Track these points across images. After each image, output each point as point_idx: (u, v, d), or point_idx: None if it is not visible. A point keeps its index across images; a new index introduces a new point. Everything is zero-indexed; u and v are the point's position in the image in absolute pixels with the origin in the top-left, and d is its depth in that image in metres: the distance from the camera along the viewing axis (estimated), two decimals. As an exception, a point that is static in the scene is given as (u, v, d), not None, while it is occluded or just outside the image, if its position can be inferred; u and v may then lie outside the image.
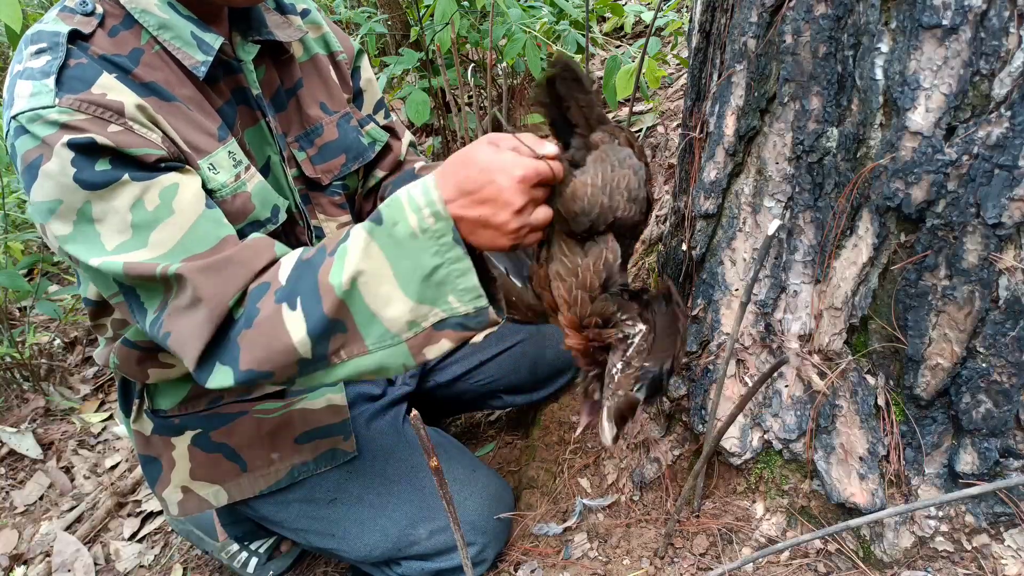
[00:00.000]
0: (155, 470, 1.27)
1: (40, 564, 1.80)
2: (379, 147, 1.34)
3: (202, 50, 1.02)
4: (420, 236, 0.87)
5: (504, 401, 1.56)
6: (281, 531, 1.33)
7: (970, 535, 1.02)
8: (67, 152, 0.89)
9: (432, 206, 0.87)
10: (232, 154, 1.06)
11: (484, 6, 2.30)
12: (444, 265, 0.87)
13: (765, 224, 1.10)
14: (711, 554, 1.14)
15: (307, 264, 0.92)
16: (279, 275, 0.94)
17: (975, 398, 0.98)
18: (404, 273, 0.88)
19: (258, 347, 0.91)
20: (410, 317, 0.89)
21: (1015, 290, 0.92)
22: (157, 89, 1.00)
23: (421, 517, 1.26)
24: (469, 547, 1.25)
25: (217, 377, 0.94)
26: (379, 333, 0.90)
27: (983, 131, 0.88)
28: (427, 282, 0.88)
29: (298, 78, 1.23)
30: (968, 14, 0.85)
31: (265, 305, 0.92)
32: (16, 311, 2.62)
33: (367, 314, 0.90)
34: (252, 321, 0.92)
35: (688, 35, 1.27)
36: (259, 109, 1.14)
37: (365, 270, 0.88)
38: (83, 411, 2.34)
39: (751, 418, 1.15)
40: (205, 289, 0.92)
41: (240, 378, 0.93)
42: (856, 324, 1.05)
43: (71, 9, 0.98)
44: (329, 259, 0.91)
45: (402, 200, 0.88)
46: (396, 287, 0.88)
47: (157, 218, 0.93)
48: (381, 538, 1.26)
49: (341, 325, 0.90)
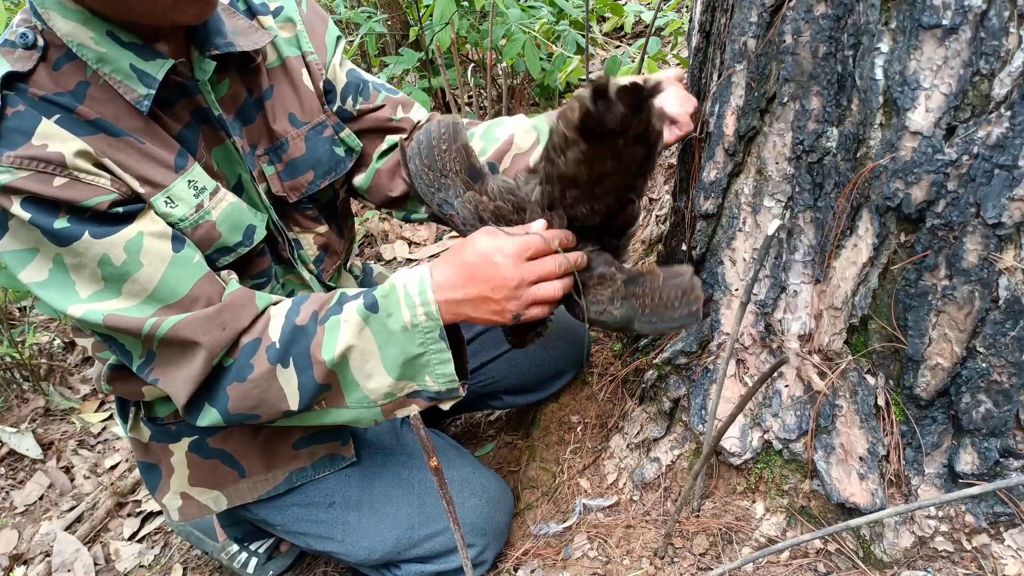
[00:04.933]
0: (155, 477, 1.27)
1: (40, 564, 1.80)
2: (356, 156, 1.27)
3: (144, 83, 0.96)
4: (410, 330, 0.98)
5: (504, 402, 1.56)
6: (281, 534, 1.33)
7: (970, 535, 1.02)
8: (25, 211, 0.89)
9: (426, 305, 0.98)
10: (193, 183, 1.02)
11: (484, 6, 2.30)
12: (427, 354, 0.99)
13: (765, 224, 1.10)
14: (711, 554, 1.14)
15: (300, 331, 1.00)
16: (269, 332, 1.01)
17: (975, 398, 0.98)
18: (390, 357, 1.00)
19: (251, 399, 1.01)
20: (388, 390, 1.02)
21: (1015, 290, 0.92)
22: (104, 126, 0.95)
23: (420, 520, 1.26)
24: (469, 549, 1.25)
25: (206, 418, 1.03)
26: (359, 397, 1.03)
27: (983, 131, 0.88)
28: (409, 364, 1.00)
29: (267, 87, 1.15)
30: (968, 14, 0.85)
31: (258, 363, 0.99)
32: (16, 311, 2.62)
33: (352, 382, 1.02)
34: (245, 376, 1.00)
35: (688, 35, 1.27)
36: (223, 129, 1.08)
37: (355, 348, 0.99)
38: (83, 411, 2.34)
39: (751, 418, 1.15)
40: (200, 337, 0.97)
41: (229, 420, 1.03)
42: (856, 324, 1.05)
43: (11, 43, 0.93)
44: (320, 330, 0.99)
45: (399, 294, 0.99)
46: (380, 366, 1.00)
47: (126, 272, 0.94)
48: (380, 541, 1.26)
49: (328, 387, 1.02)
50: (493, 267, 0.96)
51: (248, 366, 0.99)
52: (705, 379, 1.20)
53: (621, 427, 1.37)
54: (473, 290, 0.98)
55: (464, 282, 0.98)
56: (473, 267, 0.98)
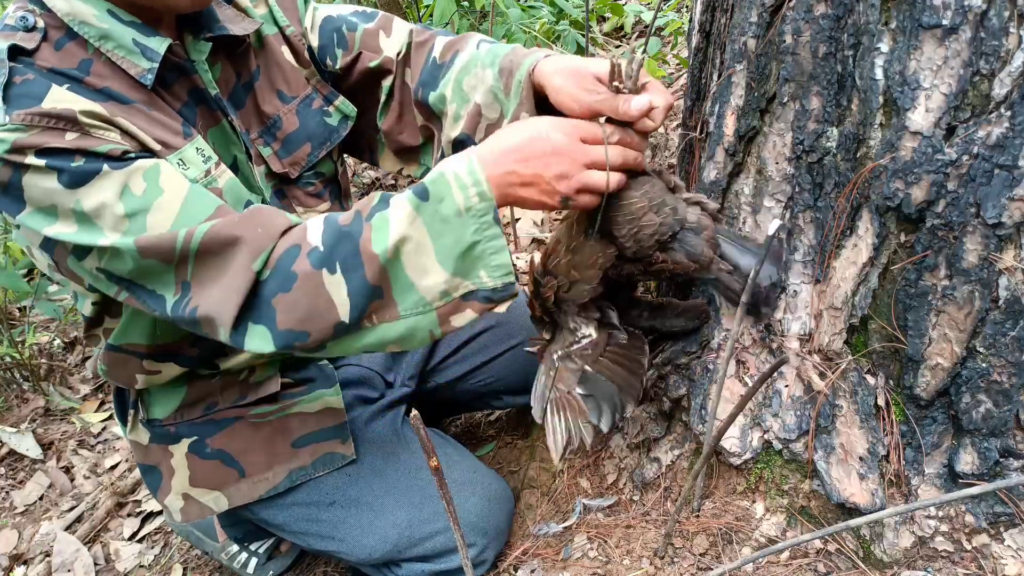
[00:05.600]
0: (155, 479, 1.27)
1: (40, 564, 1.80)
2: (351, 122, 1.27)
3: (147, 57, 0.99)
4: (464, 215, 0.90)
5: (505, 401, 1.56)
6: (281, 534, 1.33)
7: (970, 535, 1.02)
8: (40, 160, 0.89)
9: (478, 186, 0.90)
10: (200, 150, 1.04)
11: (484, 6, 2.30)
12: (482, 242, 0.91)
13: (765, 224, 1.10)
14: (711, 554, 1.14)
15: (344, 232, 0.93)
16: (308, 238, 0.94)
17: (975, 398, 0.98)
18: (445, 248, 0.91)
19: (299, 309, 0.92)
20: (444, 288, 0.92)
21: (1015, 290, 0.92)
22: (112, 94, 0.97)
23: (421, 519, 1.26)
24: (469, 548, 1.25)
25: (255, 339, 0.94)
26: (414, 300, 0.93)
27: (983, 131, 0.88)
28: (464, 257, 0.91)
29: (254, 69, 1.18)
30: (968, 14, 0.85)
31: (301, 269, 0.92)
32: (16, 311, 2.62)
33: (406, 282, 0.92)
34: (290, 286, 0.92)
35: (688, 35, 1.27)
36: (219, 109, 1.11)
37: (408, 239, 0.91)
38: (83, 411, 2.34)
39: (751, 418, 1.15)
40: (241, 231, 0.92)
41: (279, 340, 0.94)
42: (856, 324, 1.05)
43: (11, 27, 0.95)
44: (367, 226, 0.92)
45: (448, 178, 0.91)
46: (434, 260, 0.91)
47: (148, 201, 0.92)
48: (381, 540, 1.26)
49: (380, 291, 0.93)
50: (546, 144, 0.91)
51: (291, 274, 0.92)
52: (705, 379, 1.20)
53: (621, 427, 1.37)
54: (524, 168, 0.92)
55: (514, 161, 0.92)
56: (525, 146, 0.92)
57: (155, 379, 1.19)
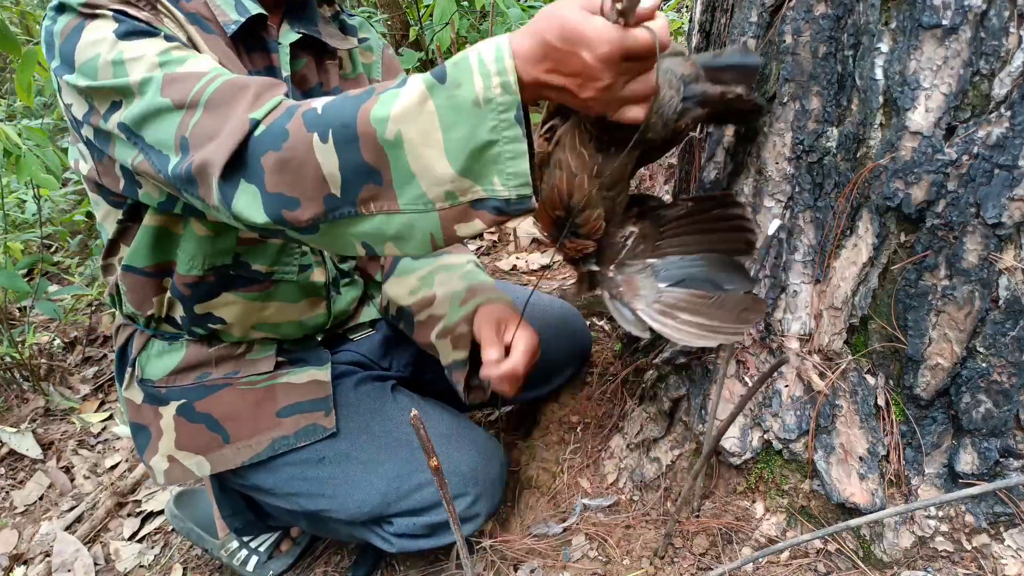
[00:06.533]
0: (144, 438, 1.30)
1: (40, 564, 1.80)
2: None
3: (238, 11, 1.10)
4: (482, 106, 0.79)
5: (505, 399, 1.57)
6: (272, 499, 1.34)
7: (970, 535, 1.02)
8: (110, 13, 0.98)
9: (503, 75, 0.78)
10: None
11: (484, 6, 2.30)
12: (499, 143, 0.80)
13: (765, 224, 1.10)
14: (711, 554, 1.14)
15: (350, 99, 0.85)
16: (312, 102, 0.88)
17: (975, 398, 0.98)
18: (455, 141, 0.80)
19: (288, 173, 0.85)
20: (450, 187, 0.82)
21: (1015, 290, 0.92)
22: (200, 22, 1.07)
23: (409, 470, 1.27)
24: (460, 499, 1.26)
25: (245, 197, 0.88)
26: (414, 195, 0.83)
27: (983, 131, 0.88)
28: (476, 156, 0.81)
29: (335, 86, 1.28)
30: (968, 14, 0.85)
31: (294, 128, 0.85)
32: (16, 311, 2.62)
33: (406, 172, 0.83)
34: (280, 143, 0.85)
35: (688, 35, 1.27)
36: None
37: (414, 122, 0.80)
38: (83, 411, 2.34)
39: (751, 418, 1.15)
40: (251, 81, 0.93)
41: (268, 204, 0.87)
42: (856, 324, 1.05)
43: None
44: (374, 98, 0.83)
45: (471, 61, 0.80)
46: (442, 152, 0.81)
47: (183, 58, 0.96)
48: (370, 492, 1.26)
49: (376, 176, 0.84)
50: (580, 62, 0.78)
51: (283, 132, 0.85)
52: (705, 379, 1.20)
53: (621, 427, 1.37)
54: (556, 79, 0.80)
55: (547, 68, 0.80)
56: (559, 53, 0.78)
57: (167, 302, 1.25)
